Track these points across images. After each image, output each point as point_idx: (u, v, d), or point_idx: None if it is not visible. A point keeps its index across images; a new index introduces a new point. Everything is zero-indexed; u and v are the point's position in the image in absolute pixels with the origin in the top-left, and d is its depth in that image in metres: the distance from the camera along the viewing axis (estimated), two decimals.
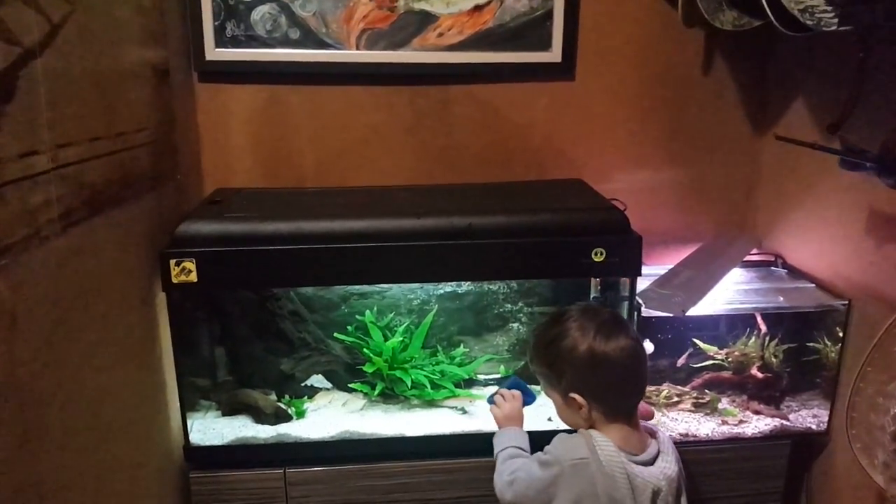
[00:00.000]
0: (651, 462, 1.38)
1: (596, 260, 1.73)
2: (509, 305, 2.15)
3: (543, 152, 2.37)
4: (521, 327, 2.15)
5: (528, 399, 1.67)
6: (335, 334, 2.11)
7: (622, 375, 1.40)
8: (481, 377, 2.13)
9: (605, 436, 1.37)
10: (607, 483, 1.31)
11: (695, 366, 2.01)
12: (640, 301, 1.78)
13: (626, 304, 1.81)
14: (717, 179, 2.44)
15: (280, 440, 1.83)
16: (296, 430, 1.85)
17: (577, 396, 1.40)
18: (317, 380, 2.09)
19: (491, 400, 1.70)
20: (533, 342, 1.53)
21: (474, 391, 2.07)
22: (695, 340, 1.99)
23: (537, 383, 1.62)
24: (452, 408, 1.99)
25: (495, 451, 1.54)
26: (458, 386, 2.02)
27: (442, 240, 1.80)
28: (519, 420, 1.62)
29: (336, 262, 1.69)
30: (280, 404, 1.91)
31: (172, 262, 1.66)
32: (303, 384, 2.05)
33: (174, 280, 1.66)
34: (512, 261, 1.73)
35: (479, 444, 1.71)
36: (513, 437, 1.54)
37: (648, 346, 1.80)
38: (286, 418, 1.90)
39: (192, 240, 1.77)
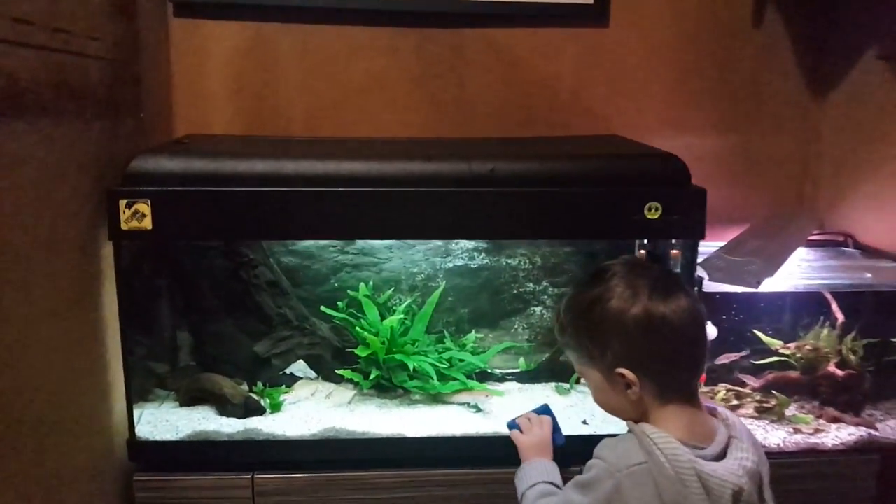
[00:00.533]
0: (723, 454, 1.10)
1: (649, 217, 1.43)
2: (531, 285, 1.89)
3: (570, 109, 2.05)
4: (544, 312, 1.88)
5: (558, 438, 1.41)
6: (322, 308, 1.73)
7: (683, 343, 1.14)
8: (497, 370, 1.85)
9: (662, 428, 1.11)
10: (675, 491, 1.04)
11: (757, 363, 1.76)
12: (703, 272, 1.50)
13: (682, 275, 1.50)
14: (769, 148, 2.12)
15: (249, 437, 1.54)
16: (269, 425, 1.57)
17: (626, 372, 1.14)
18: (297, 367, 1.74)
19: (513, 424, 1.44)
20: (567, 306, 1.24)
21: (490, 387, 1.74)
22: (755, 332, 1.74)
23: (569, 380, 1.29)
24: (463, 404, 1.70)
25: (520, 490, 1.30)
26: (469, 378, 1.73)
27: (457, 187, 1.43)
28: (547, 451, 1.38)
29: (326, 210, 1.42)
30: (251, 394, 1.64)
31: (122, 202, 1.37)
32: (282, 372, 1.77)
33: (124, 226, 1.38)
34: (543, 216, 1.45)
35: (497, 450, 1.47)
36: (542, 470, 1.31)
37: (711, 331, 1.60)
38: (258, 411, 1.61)
39: (147, 177, 1.43)
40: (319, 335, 1.76)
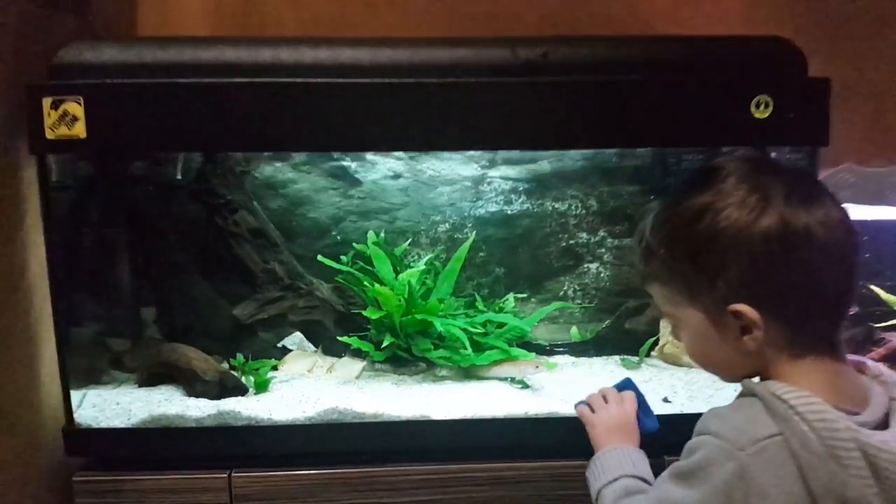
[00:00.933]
0: (885, 423, 0.83)
1: (757, 116, 1.15)
2: (585, 236, 1.61)
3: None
4: (602, 271, 1.63)
5: (647, 421, 1.10)
6: (319, 257, 1.37)
7: (830, 269, 0.86)
8: (542, 342, 1.59)
9: (798, 386, 0.83)
10: (826, 473, 0.77)
11: (877, 326, 1.48)
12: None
13: None
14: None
15: (224, 423, 1.26)
16: (251, 408, 1.29)
17: (744, 309, 0.86)
18: (292, 341, 1.55)
19: (583, 403, 1.13)
20: (658, 221, 0.95)
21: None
22: (872, 287, 1.46)
23: None
24: (504, 379, 1.41)
25: (594, 488, 1.03)
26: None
27: (497, 76, 1.07)
28: (631, 435, 1.08)
29: (321, 109, 1.12)
30: (229, 370, 1.37)
31: (47, 102, 1.08)
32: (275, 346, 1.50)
33: (49, 134, 1.08)
34: (611, 116, 1.16)
35: (551, 437, 1.26)
36: (623, 460, 1.03)
37: None
38: (237, 390, 1.33)
39: (81, 68, 1.14)
40: (318, 296, 1.42)
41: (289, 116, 1.12)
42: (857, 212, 1.18)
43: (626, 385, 1.14)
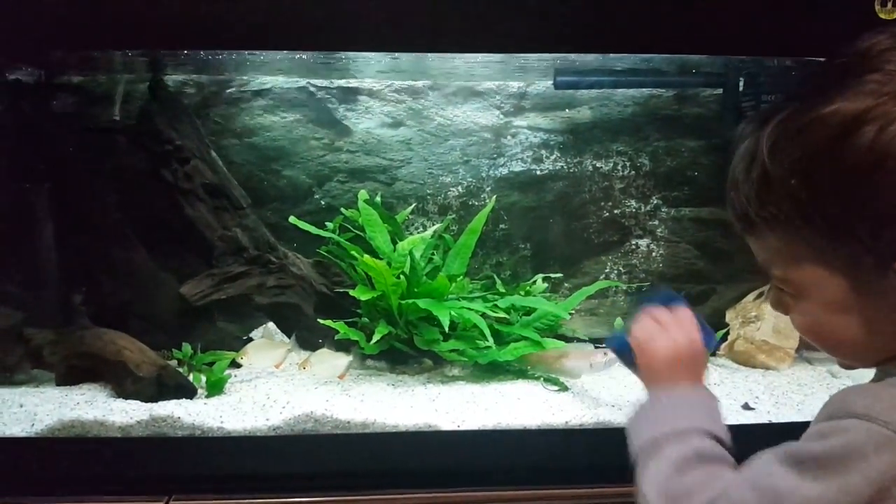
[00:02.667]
0: None
1: (883, 17, 0.94)
2: (634, 203, 1.37)
3: None
4: (655, 248, 1.38)
5: (707, 338, 0.80)
6: (291, 218, 1.08)
7: None
8: (578, 334, 1.31)
9: None
10: None
11: None
12: None
13: None
14: None
15: (159, 433, 1.03)
16: (196, 415, 1.05)
17: None
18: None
19: (619, 343, 0.79)
20: (787, 132, 0.66)
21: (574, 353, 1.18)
22: None
23: None
24: (536, 378, 1.16)
25: (643, 436, 0.73)
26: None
27: None
28: (700, 370, 0.78)
29: None
30: (174, 365, 1.14)
31: None
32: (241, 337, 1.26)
33: None
34: (691, 11, 0.91)
35: (595, 456, 1.01)
36: (696, 406, 0.74)
37: None
38: (181, 391, 1.09)
39: None
40: (293, 273, 1.11)
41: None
42: None
43: (669, 298, 0.84)
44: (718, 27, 0.93)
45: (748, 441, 0.75)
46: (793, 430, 0.70)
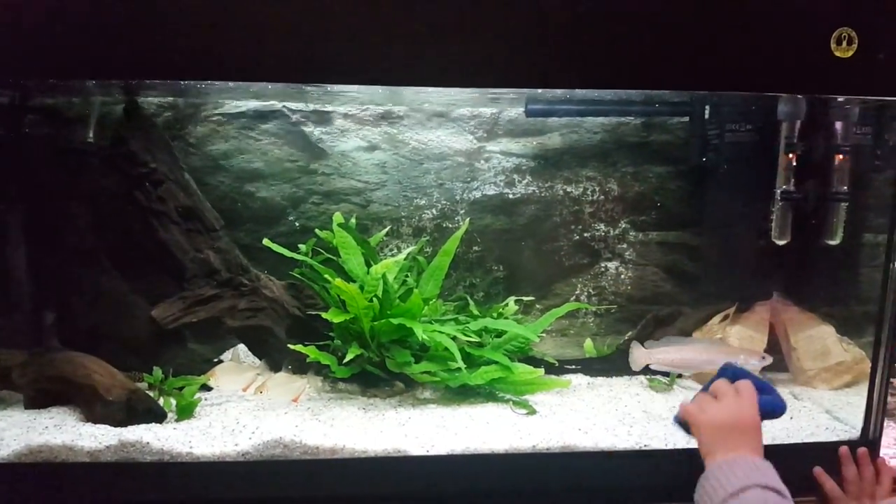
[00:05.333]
0: None
1: (838, 55, 0.94)
2: (603, 228, 1.38)
3: None
4: (624, 271, 1.39)
5: (776, 405, 0.87)
6: (265, 241, 1.07)
7: None
8: (549, 357, 1.30)
9: None
10: None
11: None
12: None
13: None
14: None
15: (128, 458, 0.99)
16: (166, 440, 1.02)
17: None
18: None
19: (682, 425, 0.89)
20: None
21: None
22: None
23: None
24: (506, 401, 1.16)
25: (715, 501, 0.76)
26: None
27: None
28: (752, 435, 0.83)
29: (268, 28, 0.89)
30: (144, 389, 1.11)
31: None
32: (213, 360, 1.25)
33: None
34: (653, 51, 0.93)
35: (563, 478, 1.01)
36: (747, 468, 0.78)
37: None
38: (151, 415, 1.06)
39: None
40: (266, 296, 1.10)
41: (232, 34, 0.85)
42: None
43: (735, 373, 0.91)
44: (685, 65, 0.94)
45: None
46: None
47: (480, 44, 0.90)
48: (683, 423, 0.87)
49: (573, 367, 1.31)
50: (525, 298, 1.32)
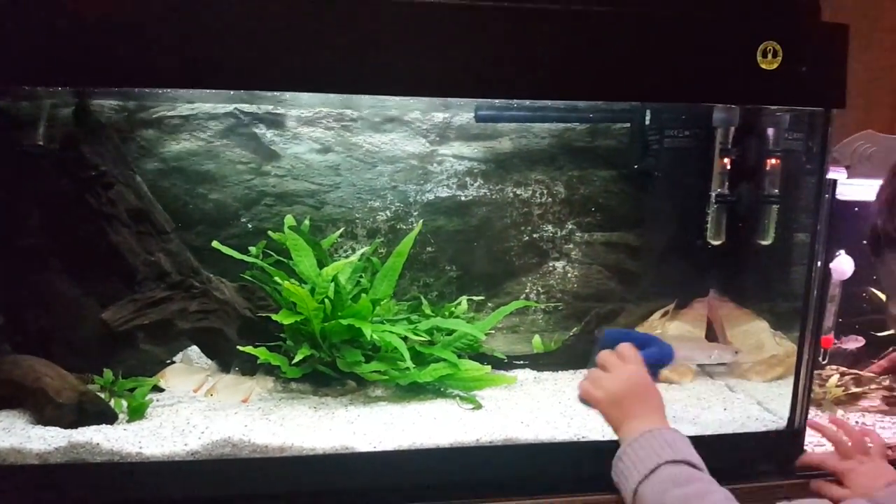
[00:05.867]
0: None
1: (764, 66, 0.98)
2: (551, 229, 1.41)
3: None
4: (570, 270, 1.41)
5: (662, 354, 0.91)
6: (215, 243, 1.10)
7: None
8: (498, 353, 1.33)
9: None
10: None
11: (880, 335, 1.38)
12: (838, 169, 1.15)
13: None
14: None
15: (77, 459, 0.99)
16: (115, 441, 1.02)
17: None
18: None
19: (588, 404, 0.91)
20: None
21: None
22: (872, 290, 1.37)
23: None
24: (453, 397, 1.19)
25: (628, 489, 0.78)
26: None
27: None
28: (650, 397, 0.85)
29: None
30: (96, 391, 1.11)
31: None
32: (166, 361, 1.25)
33: None
34: (593, 62, 0.97)
35: (508, 470, 1.05)
36: (655, 444, 0.80)
37: (845, 263, 1.28)
38: (102, 417, 1.06)
39: None
40: (217, 298, 1.12)
41: (186, 43, 0.87)
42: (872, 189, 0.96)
43: (612, 338, 0.92)
44: (621, 77, 0.97)
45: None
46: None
47: (424, 55, 0.92)
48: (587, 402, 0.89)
49: (521, 362, 1.34)
50: (476, 298, 1.35)
